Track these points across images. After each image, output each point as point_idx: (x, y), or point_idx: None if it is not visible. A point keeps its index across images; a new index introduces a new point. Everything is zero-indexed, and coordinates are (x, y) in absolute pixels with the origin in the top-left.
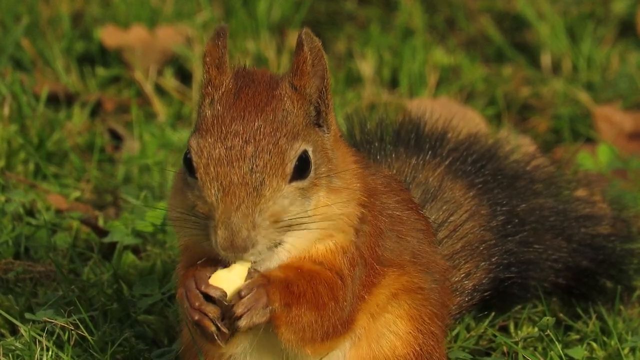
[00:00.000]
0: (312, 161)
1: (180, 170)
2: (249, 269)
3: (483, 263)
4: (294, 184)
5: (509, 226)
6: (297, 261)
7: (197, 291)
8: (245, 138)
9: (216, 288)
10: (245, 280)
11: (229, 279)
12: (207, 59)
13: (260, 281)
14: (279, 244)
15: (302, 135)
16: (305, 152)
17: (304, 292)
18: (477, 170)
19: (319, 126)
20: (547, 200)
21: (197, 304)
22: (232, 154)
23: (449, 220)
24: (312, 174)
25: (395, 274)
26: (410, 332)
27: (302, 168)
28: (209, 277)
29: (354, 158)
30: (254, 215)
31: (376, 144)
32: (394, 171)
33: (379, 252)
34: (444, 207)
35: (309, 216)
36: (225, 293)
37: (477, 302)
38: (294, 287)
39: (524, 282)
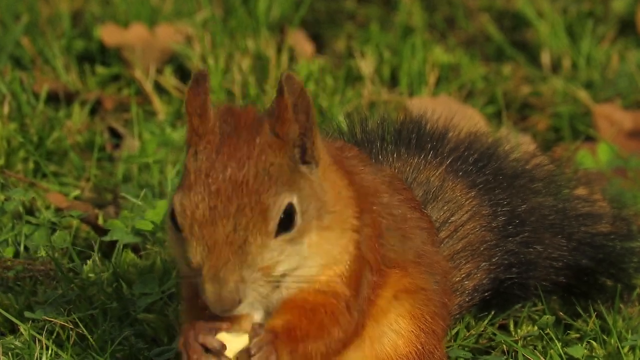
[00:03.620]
0: (298, 210)
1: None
2: (252, 324)
3: (484, 263)
4: (281, 237)
5: (510, 227)
6: (300, 295)
7: (197, 343)
8: (228, 195)
9: (215, 340)
10: (249, 334)
11: (231, 336)
12: (189, 109)
13: (268, 338)
14: (274, 290)
15: (286, 186)
16: (289, 205)
17: (307, 332)
18: (478, 170)
19: (306, 162)
20: (547, 198)
21: (195, 357)
22: (215, 214)
23: (450, 221)
24: (299, 222)
25: (398, 275)
26: (412, 331)
27: (287, 221)
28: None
29: (346, 181)
30: (241, 271)
31: (377, 144)
32: (395, 171)
33: (382, 251)
34: (445, 207)
35: (303, 260)
36: (224, 344)
37: (478, 302)
38: (297, 331)
39: (524, 282)
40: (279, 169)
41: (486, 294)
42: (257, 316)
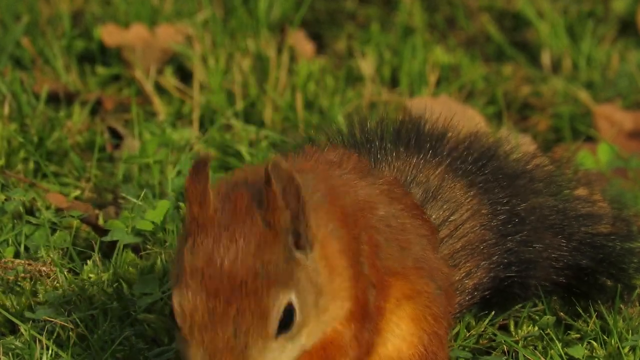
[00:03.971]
0: (297, 307)
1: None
2: None
3: (484, 262)
4: (281, 336)
5: (510, 225)
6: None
7: None
8: (227, 297)
9: None
10: None
11: None
12: (190, 197)
13: None
14: None
15: (284, 283)
16: (289, 304)
17: None
18: (478, 169)
19: (301, 247)
20: (547, 199)
21: None
22: (214, 317)
23: (449, 220)
24: (298, 318)
25: (400, 283)
26: (415, 334)
27: (287, 319)
28: None
29: (342, 260)
30: None
31: (377, 143)
32: (395, 171)
33: (382, 263)
34: (445, 206)
35: (302, 344)
36: None
37: (478, 300)
38: None
39: (524, 281)
40: (276, 265)
41: (487, 292)
42: None
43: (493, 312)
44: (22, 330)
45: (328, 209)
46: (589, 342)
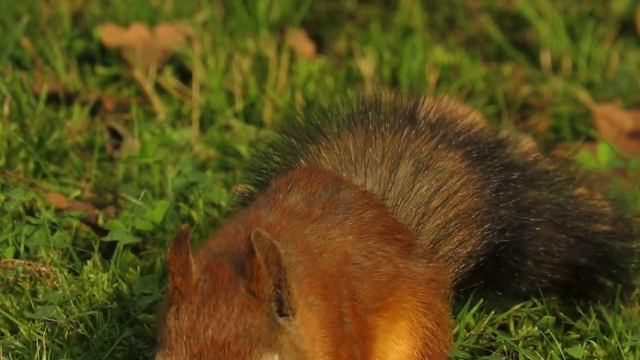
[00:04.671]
0: None
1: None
2: None
3: (477, 230)
4: None
5: (501, 193)
6: None
7: None
8: (210, 359)
9: None
10: None
11: None
12: (172, 268)
13: None
14: None
15: (267, 346)
16: None
17: None
18: (472, 142)
19: (284, 314)
20: (546, 193)
21: None
22: None
23: (441, 189)
24: None
25: (383, 317)
26: (413, 346)
27: None
28: None
29: (323, 330)
30: None
31: (370, 114)
32: (387, 142)
33: (361, 306)
34: (438, 176)
35: None
36: None
37: (473, 267)
38: None
39: (519, 247)
40: (258, 330)
41: (481, 259)
42: None
43: (493, 312)
44: (22, 330)
45: (309, 281)
46: (588, 342)
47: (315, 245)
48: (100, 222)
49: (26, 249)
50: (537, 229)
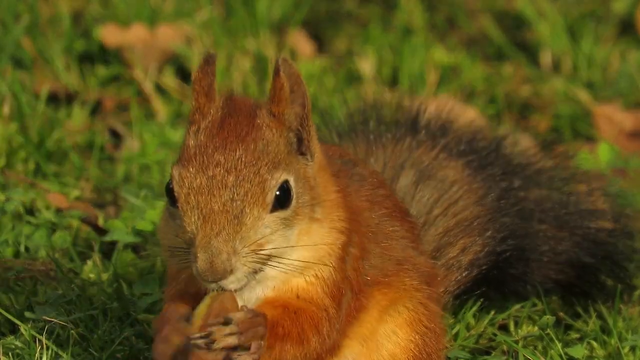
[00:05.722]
0: (294, 191)
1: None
2: (241, 306)
3: (478, 238)
4: (276, 213)
5: (502, 201)
6: (283, 296)
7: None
8: (227, 167)
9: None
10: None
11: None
12: (196, 87)
13: (257, 312)
14: (259, 271)
15: (283, 165)
16: (286, 182)
17: (288, 332)
18: (473, 150)
19: (302, 154)
20: (548, 192)
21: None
22: (213, 183)
23: (443, 198)
24: (294, 203)
25: (382, 292)
26: (410, 339)
27: (283, 198)
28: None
29: (336, 188)
30: (234, 242)
31: (371, 124)
32: (389, 152)
33: (365, 272)
34: (439, 186)
35: (291, 246)
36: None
37: (475, 276)
38: (279, 328)
39: (521, 255)
40: (276, 147)
41: (483, 267)
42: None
43: (493, 312)
44: (22, 330)
45: (340, 189)
46: (588, 342)
47: (343, 183)
48: (100, 222)
49: (26, 248)
50: (541, 228)
